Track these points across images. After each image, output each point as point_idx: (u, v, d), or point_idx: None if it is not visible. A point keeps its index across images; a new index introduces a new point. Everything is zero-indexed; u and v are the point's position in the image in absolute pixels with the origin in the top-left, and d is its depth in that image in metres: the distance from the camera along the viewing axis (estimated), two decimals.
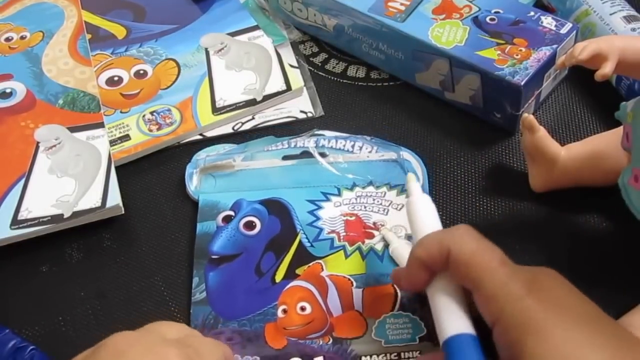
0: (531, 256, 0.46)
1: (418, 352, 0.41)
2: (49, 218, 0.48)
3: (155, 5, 0.67)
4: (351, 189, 0.50)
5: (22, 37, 0.63)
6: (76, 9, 0.66)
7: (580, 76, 0.56)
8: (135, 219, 0.51)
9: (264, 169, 0.52)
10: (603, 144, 0.47)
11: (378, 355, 0.41)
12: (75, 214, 0.48)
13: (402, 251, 0.44)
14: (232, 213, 0.49)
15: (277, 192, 0.50)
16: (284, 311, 0.43)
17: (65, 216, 0.48)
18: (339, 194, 0.49)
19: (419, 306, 0.43)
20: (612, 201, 0.45)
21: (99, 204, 0.49)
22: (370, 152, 0.52)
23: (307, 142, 0.53)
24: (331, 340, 0.42)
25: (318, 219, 0.48)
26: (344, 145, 0.53)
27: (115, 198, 0.49)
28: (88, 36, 0.63)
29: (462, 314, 0.35)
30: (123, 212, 0.49)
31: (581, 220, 0.48)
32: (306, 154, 0.52)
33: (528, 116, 0.47)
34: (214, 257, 0.46)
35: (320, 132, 0.54)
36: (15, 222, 0.48)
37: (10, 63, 0.60)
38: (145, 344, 0.33)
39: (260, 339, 0.42)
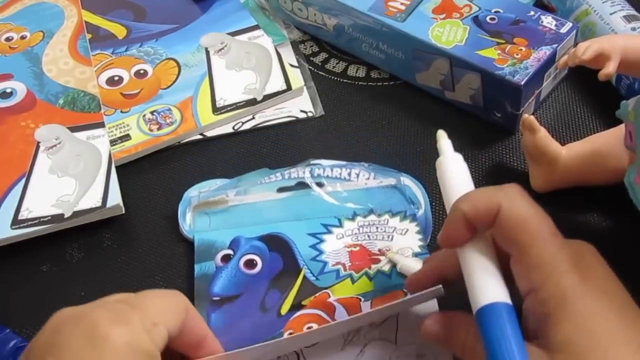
0: None
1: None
2: (50, 218, 0.48)
3: (155, 5, 0.67)
4: (352, 219, 0.48)
5: (23, 37, 0.63)
6: (76, 8, 0.66)
7: (580, 75, 0.56)
8: (136, 218, 0.51)
9: (259, 203, 0.50)
10: (604, 143, 0.47)
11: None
12: (76, 214, 0.48)
13: (411, 264, 0.43)
14: (230, 252, 0.46)
15: (276, 226, 0.48)
16: (291, 334, 0.42)
17: (65, 216, 0.48)
18: (341, 225, 0.48)
19: None
20: (614, 200, 0.45)
21: (99, 203, 0.49)
22: (368, 179, 0.51)
23: (302, 172, 0.51)
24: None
25: (321, 252, 0.46)
26: (340, 174, 0.51)
27: (115, 198, 0.49)
28: (88, 36, 0.63)
29: (500, 281, 0.33)
30: (123, 211, 0.49)
31: (582, 219, 0.48)
32: (302, 185, 0.50)
33: (528, 117, 0.47)
34: (215, 298, 0.44)
35: (316, 161, 0.52)
36: (16, 222, 0.48)
37: (11, 63, 0.60)
38: (79, 313, 0.31)
39: None
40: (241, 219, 0.49)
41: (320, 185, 0.50)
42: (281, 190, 0.50)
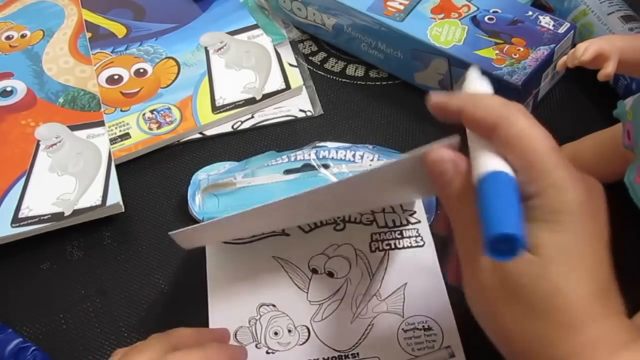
0: None
1: None
2: (50, 216, 0.48)
3: (155, 4, 0.67)
4: None
5: (23, 36, 0.63)
6: (76, 7, 0.66)
7: (578, 75, 0.57)
8: (136, 217, 0.51)
9: (267, 185, 0.51)
10: (602, 142, 0.47)
11: None
12: (76, 212, 0.48)
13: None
14: None
15: None
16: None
17: (65, 214, 0.48)
18: None
19: None
20: (612, 200, 0.45)
21: (99, 202, 0.49)
22: (372, 160, 0.52)
23: (307, 154, 0.52)
24: None
25: None
26: (345, 155, 0.52)
27: (115, 196, 0.49)
28: (88, 35, 0.63)
29: (503, 159, 0.32)
30: (123, 210, 0.49)
31: None
32: (308, 167, 0.52)
33: None
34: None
35: (322, 144, 0.53)
36: (16, 220, 0.48)
37: (11, 61, 0.61)
38: None
39: None
40: (249, 200, 0.50)
41: (326, 167, 0.52)
42: (288, 172, 0.52)
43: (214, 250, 0.46)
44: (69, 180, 0.51)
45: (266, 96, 0.58)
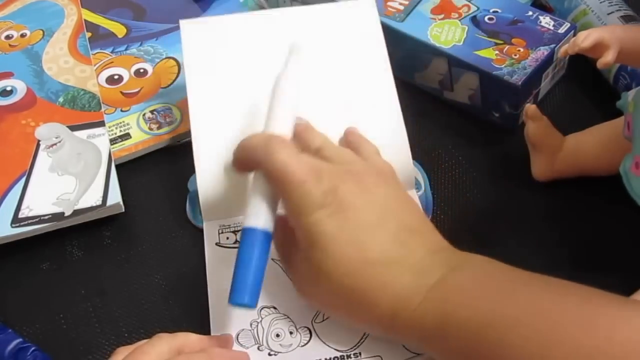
0: (531, 253, 0.46)
1: None
2: (50, 216, 0.48)
3: (155, 4, 0.67)
4: None
5: (23, 35, 0.63)
6: (76, 7, 0.66)
7: (578, 75, 0.57)
8: (136, 217, 0.51)
9: None
10: (604, 134, 0.48)
11: None
12: (76, 212, 0.48)
13: None
14: None
15: None
16: None
17: (66, 214, 0.48)
18: None
19: None
20: (613, 190, 0.45)
21: (99, 202, 0.49)
22: None
23: None
24: None
25: None
26: None
27: (115, 196, 0.49)
28: (88, 34, 0.63)
29: (269, 210, 0.38)
30: (123, 210, 0.50)
31: (581, 208, 0.48)
32: None
33: (531, 106, 0.48)
34: None
35: None
36: (16, 220, 0.48)
37: (11, 61, 0.61)
38: None
39: None
40: None
41: None
42: None
43: (215, 252, 0.46)
44: (69, 180, 0.51)
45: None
